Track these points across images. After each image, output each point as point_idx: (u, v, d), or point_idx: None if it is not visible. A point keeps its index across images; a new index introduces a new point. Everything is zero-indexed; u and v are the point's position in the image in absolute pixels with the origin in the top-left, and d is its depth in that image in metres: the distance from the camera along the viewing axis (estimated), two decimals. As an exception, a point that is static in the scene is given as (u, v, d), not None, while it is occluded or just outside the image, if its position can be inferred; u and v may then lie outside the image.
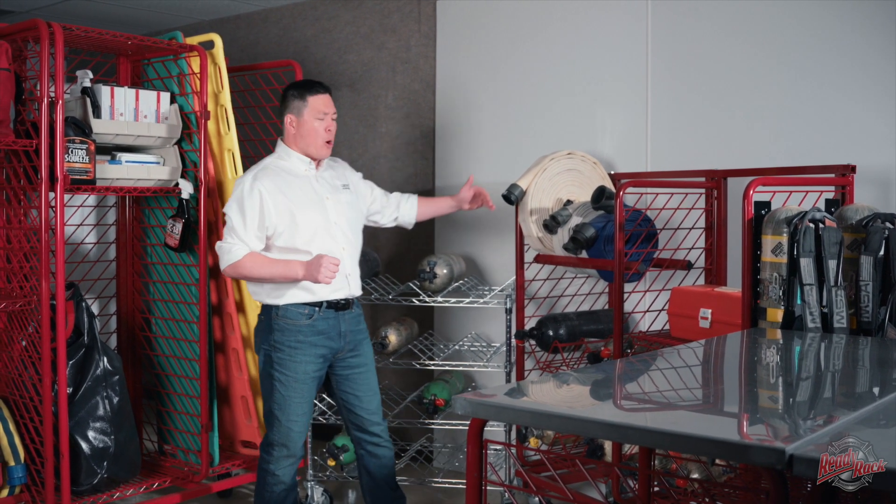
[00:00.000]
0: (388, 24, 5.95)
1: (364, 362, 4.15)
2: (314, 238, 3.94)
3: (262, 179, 3.93)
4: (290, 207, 3.91)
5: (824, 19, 4.26)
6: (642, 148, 4.84)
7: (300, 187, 4.00)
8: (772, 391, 2.47)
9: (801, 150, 4.26)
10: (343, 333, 4.03)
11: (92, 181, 4.18)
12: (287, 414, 3.97)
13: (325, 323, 3.97)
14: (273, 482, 4.07)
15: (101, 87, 4.35)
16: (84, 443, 4.31)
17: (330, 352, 4.02)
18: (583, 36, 5.07)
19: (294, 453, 4.05)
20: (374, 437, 4.17)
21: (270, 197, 3.89)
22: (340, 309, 4.02)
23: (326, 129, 4.04)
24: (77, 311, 4.38)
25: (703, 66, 4.63)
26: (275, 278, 3.89)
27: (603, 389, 2.53)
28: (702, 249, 4.45)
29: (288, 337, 3.94)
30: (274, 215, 3.89)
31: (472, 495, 2.27)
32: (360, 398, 4.14)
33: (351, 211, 4.13)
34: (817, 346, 2.99)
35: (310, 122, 4.02)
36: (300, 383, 3.96)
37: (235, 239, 3.89)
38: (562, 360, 4.73)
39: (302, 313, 3.94)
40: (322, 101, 4.05)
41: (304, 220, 3.93)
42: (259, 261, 3.90)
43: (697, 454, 3.18)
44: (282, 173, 4.00)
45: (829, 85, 4.23)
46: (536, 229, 4.61)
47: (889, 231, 3.16)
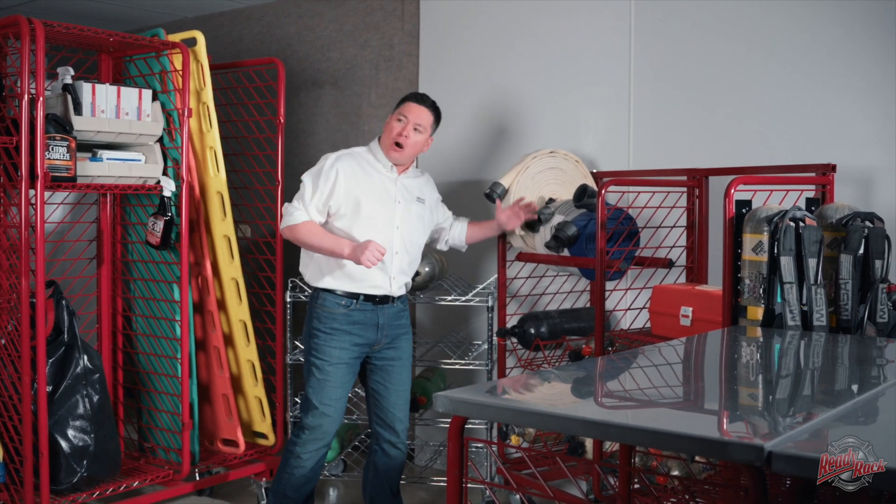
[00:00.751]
0: (372, 22, 5.95)
1: (400, 356, 4.27)
2: (371, 232, 4.05)
3: (345, 160, 4.12)
4: (359, 196, 4.07)
5: (806, 19, 4.27)
6: (624, 146, 4.85)
7: (377, 182, 4.14)
8: (751, 389, 2.49)
9: (781, 150, 4.28)
10: (381, 326, 4.16)
11: (73, 178, 4.16)
12: (320, 398, 4.11)
13: (363, 315, 4.12)
14: (295, 464, 4.18)
15: (82, 84, 4.32)
16: (64, 441, 4.28)
17: (366, 342, 4.16)
18: (566, 34, 5.08)
19: (323, 438, 4.17)
20: (393, 434, 4.28)
21: (345, 179, 4.07)
22: (379, 303, 4.14)
23: (400, 133, 4.12)
24: (57, 309, 4.36)
25: (686, 65, 4.65)
26: (322, 249, 4.05)
27: (584, 387, 2.54)
28: (683, 248, 4.46)
29: (325, 324, 4.11)
30: (342, 196, 4.06)
31: (453, 493, 2.27)
32: (388, 389, 4.25)
33: (417, 223, 4.25)
34: (797, 344, 3.00)
35: (391, 120, 4.16)
36: (334, 367, 4.11)
37: (300, 205, 4.08)
38: (543, 358, 4.74)
39: (339, 303, 4.11)
40: (410, 107, 4.17)
41: (368, 212, 4.08)
42: (315, 230, 4.06)
43: (677, 451, 3.18)
44: (362, 164, 4.16)
45: (810, 85, 4.25)
46: (519, 227, 4.62)
47: (868, 230, 3.18)
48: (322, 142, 6.20)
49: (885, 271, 3.17)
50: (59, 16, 5.51)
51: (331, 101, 6.15)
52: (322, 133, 6.23)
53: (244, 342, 4.94)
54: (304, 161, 6.23)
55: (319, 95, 6.23)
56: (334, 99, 6.14)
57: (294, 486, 4.19)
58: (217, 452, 5.01)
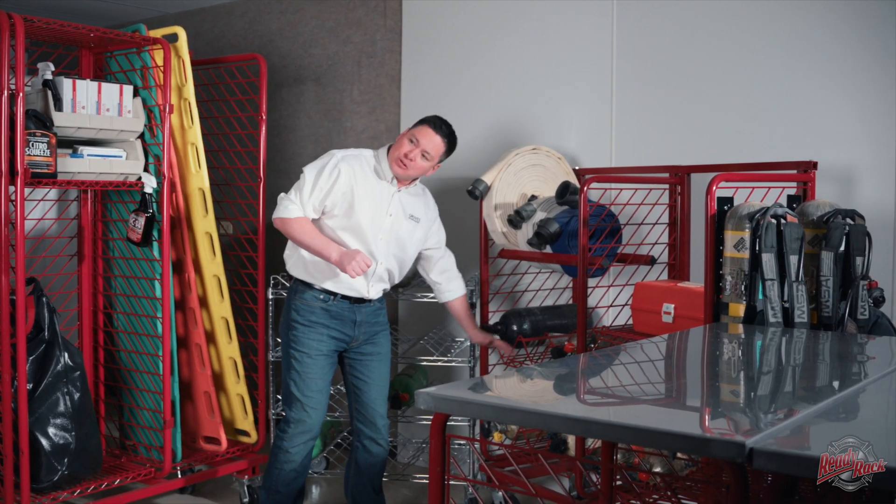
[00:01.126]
0: (354, 19, 5.93)
1: (378, 351, 4.30)
2: (355, 238, 4.08)
3: (350, 162, 4.11)
4: (354, 200, 4.07)
5: (788, 18, 4.29)
6: (607, 143, 4.85)
7: (375, 191, 4.13)
8: (733, 385, 2.49)
9: (763, 147, 4.29)
10: (359, 323, 4.19)
11: (53, 175, 4.13)
12: (302, 389, 4.14)
13: (340, 311, 4.15)
14: (284, 459, 4.20)
15: (62, 79, 4.29)
16: (44, 439, 4.26)
17: (343, 336, 4.18)
18: (549, 32, 5.08)
19: (309, 431, 4.18)
20: (375, 430, 4.30)
21: (346, 181, 4.06)
22: (355, 303, 4.17)
23: (407, 153, 4.08)
24: (37, 307, 4.33)
25: (668, 63, 4.65)
26: (311, 248, 4.03)
27: (566, 384, 2.54)
28: (665, 245, 4.47)
29: (303, 316, 4.14)
30: (339, 196, 4.05)
31: (435, 490, 2.26)
32: (367, 384, 4.28)
33: (407, 239, 4.23)
34: (778, 341, 3.01)
35: (405, 137, 4.11)
36: (313, 359, 4.14)
37: (297, 198, 4.06)
38: (526, 355, 4.74)
39: (317, 297, 4.14)
40: (425, 132, 4.10)
41: (358, 218, 4.08)
42: (307, 227, 4.04)
43: (659, 448, 3.19)
44: (367, 169, 4.15)
45: (792, 82, 4.26)
46: (501, 224, 4.62)
47: (849, 227, 3.19)
48: (304, 138, 6.19)
49: (866, 268, 3.18)
50: (40, 11, 5.48)
51: (313, 98, 6.14)
52: (304, 129, 6.21)
53: (226, 339, 4.93)
54: (287, 157, 6.23)
55: (301, 92, 6.22)
56: (316, 95, 6.13)
57: (284, 481, 4.21)
58: (199, 450, 4.99)
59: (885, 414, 2.19)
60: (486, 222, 4.71)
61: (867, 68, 4.07)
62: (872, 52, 4.06)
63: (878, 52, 4.04)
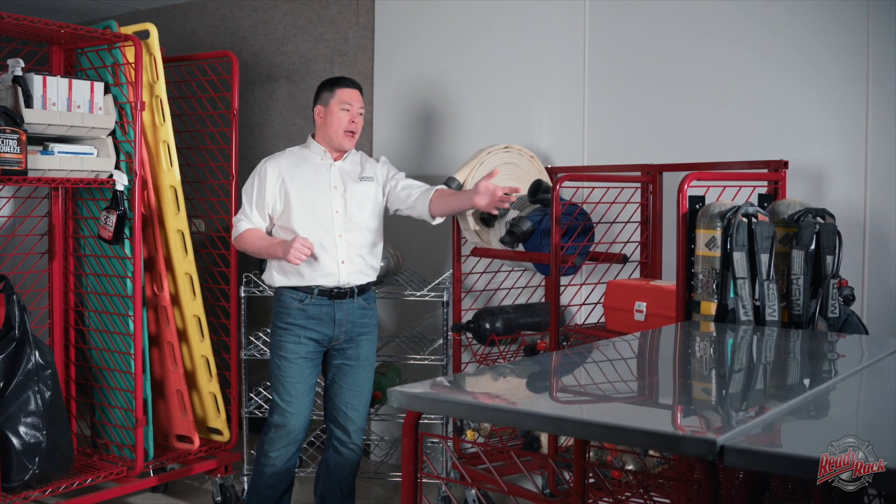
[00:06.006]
0: (326, 16, 5.92)
1: (358, 356, 4.25)
2: (309, 221, 4.10)
3: (273, 160, 4.21)
4: (289, 191, 4.12)
5: (760, 17, 4.31)
6: (579, 142, 4.87)
7: (310, 174, 4.18)
8: (705, 383, 2.50)
9: (735, 146, 4.32)
10: (339, 321, 4.15)
11: (23, 172, 4.10)
12: (282, 394, 4.14)
13: (318, 310, 4.12)
14: (265, 463, 4.20)
15: (32, 76, 4.26)
16: (15, 438, 4.23)
17: (323, 337, 4.16)
18: (521, 30, 5.09)
19: (289, 435, 4.17)
20: (344, 433, 4.27)
21: (273, 178, 4.14)
22: (335, 297, 4.12)
23: (350, 121, 4.16)
24: (8, 305, 4.30)
25: (640, 61, 4.67)
26: (262, 253, 4.13)
27: (539, 382, 2.54)
28: (637, 243, 4.49)
29: (283, 319, 4.15)
30: (270, 195, 4.13)
31: (407, 488, 2.26)
32: (342, 389, 4.25)
33: (365, 202, 4.21)
34: (749, 339, 3.03)
35: (335, 111, 4.16)
36: (291, 364, 4.13)
37: (241, 215, 4.19)
38: (498, 353, 4.75)
39: (294, 297, 4.12)
40: (349, 94, 4.19)
41: (299, 204, 4.10)
42: (255, 234, 4.15)
43: (631, 445, 3.20)
44: (295, 159, 4.23)
45: (763, 82, 4.29)
46: (473, 223, 4.62)
47: (820, 226, 3.21)
48: (277, 136, 6.17)
49: (836, 267, 3.21)
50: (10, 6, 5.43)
51: (285, 95, 6.12)
52: (277, 127, 6.20)
53: (198, 337, 4.91)
54: (259, 155, 6.18)
55: (274, 89, 6.20)
56: (289, 93, 6.11)
57: (267, 484, 4.22)
58: (171, 449, 4.97)
59: (856, 411, 2.21)
60: (458, 220, 4.71)
61: (838, 67, 4.11)
62: (844, 50, 4.09)
63: (849, 51, 4.08)
